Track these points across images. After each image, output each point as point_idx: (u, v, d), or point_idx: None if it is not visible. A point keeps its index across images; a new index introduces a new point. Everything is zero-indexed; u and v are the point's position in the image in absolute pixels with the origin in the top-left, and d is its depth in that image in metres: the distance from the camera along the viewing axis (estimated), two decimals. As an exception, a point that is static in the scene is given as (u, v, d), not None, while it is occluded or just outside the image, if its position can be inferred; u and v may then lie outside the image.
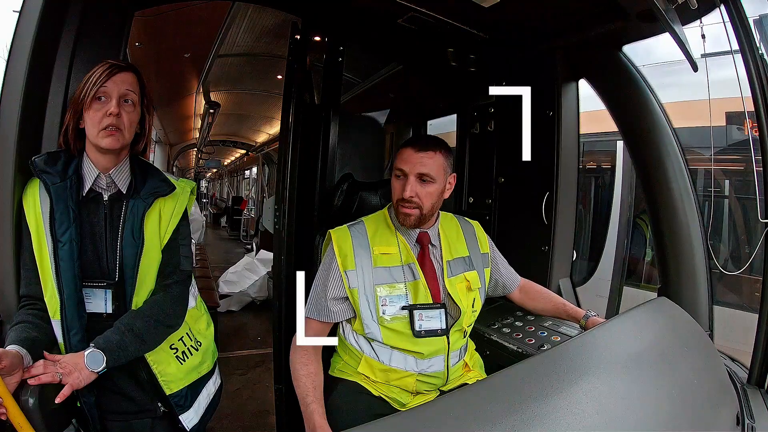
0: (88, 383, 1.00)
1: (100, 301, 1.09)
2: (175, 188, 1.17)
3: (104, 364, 1.01)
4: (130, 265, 1.10)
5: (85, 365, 0.99)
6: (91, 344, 1.02)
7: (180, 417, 1.19)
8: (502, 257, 1.57)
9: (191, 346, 1.24)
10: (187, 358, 1.21)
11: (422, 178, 1.25)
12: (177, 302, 1.17)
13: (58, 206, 1.04)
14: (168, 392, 1.16)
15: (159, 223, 1.15)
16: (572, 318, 1.45)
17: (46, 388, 0.95)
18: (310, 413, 1.15)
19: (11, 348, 0.93)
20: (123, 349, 1.05)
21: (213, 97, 5.32)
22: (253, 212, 10.88)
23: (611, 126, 1.82)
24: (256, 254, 5.73)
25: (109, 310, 1.09)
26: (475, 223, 1.52)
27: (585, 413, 0.72)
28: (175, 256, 1.18)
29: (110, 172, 1.11)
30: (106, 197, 1.12)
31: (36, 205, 1.06)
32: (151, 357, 1.13)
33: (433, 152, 1.25)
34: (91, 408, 1.07)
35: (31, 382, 0.93)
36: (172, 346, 1.19)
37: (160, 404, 1.18)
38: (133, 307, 1.11)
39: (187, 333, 1.23)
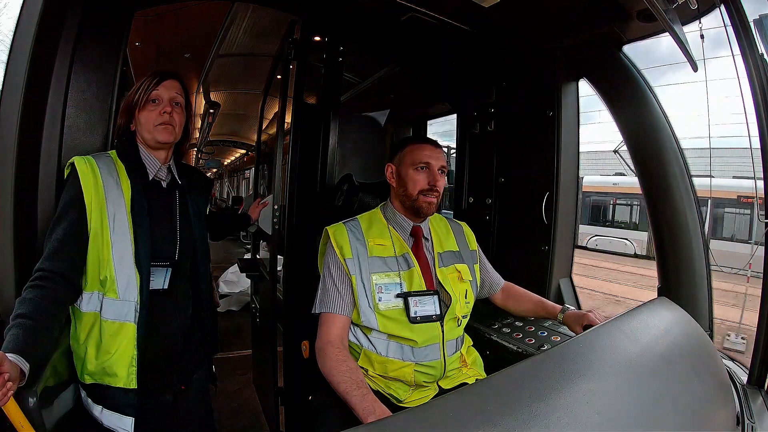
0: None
1: (160, 279, 1.20)
2: (213, 181, 1.39)
3: None
4: (204, 249, 1.37)
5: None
6: None
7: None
8: (486, 259, 1.63)
9: None
10: None
11: (441, 170, 1.38)
12: None
13: (136, 190, 1.15)
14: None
15: (208, 211, 1.42)
16: (551, 314, 1.49)
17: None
18: (371, 401, 1.08)
19: (11, 357, 0.87)
20: None
21: (213, 97, 5.31)
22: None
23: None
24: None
25: (166, 286, 1.20)
26: (463, 224, 1.60)
27: (585, 413, 0.72)
28: None
29: (168, 164, 1.27)
30: (164, 185, 1.26)
31: (98, 183, 1.11)
32: None
33: (441, 150, 1.41)
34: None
35: None
36: None
37: (179, 383, 1.28)
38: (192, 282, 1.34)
39: None
